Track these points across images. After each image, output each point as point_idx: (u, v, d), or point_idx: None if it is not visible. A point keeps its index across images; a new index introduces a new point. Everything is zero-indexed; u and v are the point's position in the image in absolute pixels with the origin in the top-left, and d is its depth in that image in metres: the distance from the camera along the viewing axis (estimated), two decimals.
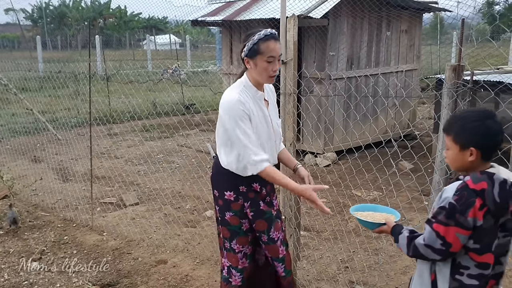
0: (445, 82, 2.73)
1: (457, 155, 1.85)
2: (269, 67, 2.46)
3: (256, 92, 2.54)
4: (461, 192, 1.76)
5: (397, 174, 3.74)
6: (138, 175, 6.72)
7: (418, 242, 1.86)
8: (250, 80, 2.54)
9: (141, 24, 51.03)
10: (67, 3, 49.75)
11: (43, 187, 6.07)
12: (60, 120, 9.82)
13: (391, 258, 4.08)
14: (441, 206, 1.79)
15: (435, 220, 1.80)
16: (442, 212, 1.78)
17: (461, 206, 1.74)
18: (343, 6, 6.95)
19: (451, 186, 1.83)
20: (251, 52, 2.46)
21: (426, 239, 1.83)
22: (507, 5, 38.53)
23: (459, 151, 1.83)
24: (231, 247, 2.70)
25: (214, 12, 8.12)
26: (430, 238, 1.81)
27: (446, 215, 1.77)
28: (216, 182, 2.68)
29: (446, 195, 1.80)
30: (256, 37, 2.43)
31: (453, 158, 1.87)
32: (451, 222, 1.76)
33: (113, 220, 5.05)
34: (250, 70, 2.52)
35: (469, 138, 1.82)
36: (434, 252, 1.81)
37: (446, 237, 1.77)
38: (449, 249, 1.78)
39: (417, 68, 8.46)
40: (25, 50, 27.34)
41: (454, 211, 1.75)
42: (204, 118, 10.03)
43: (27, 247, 4.40)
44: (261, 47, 2.43)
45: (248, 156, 2.43)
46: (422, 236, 1.86)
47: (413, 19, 8.10)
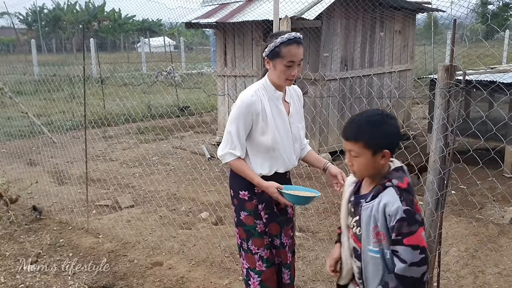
0: (438, 82, 2.74)
1: (370, 160, 1.80)
2: (287, 71, 2.46)
3: (275, 91, 2.57)
4: (403, 195, 1.76)
5: None
6: (133, 178, 6.72)
7: (399, 269, 1.75)
8: (269, 80, 2.57)
9: (135, 26, 50.95)
10: (62, 6, 49.63)
11: (38, 190, 6.06)
12: (55, 123, 9.80)
13: None
14: (400, 219, 1.73)
15: (402, 236, 1.73)
16: (403, 224, 1.73)
17: (412, 207, 1.75)
18: (336, 7, 6.98)
19: (388, 198, 1.77)
20: (272, 54, 2.46)
21: (406, 260, 1.73)
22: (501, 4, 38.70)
23: (372, 156, 1.79)
24: (248, 247, 2.70)
25: (208, 14, 8.13)
26: (409, 255, 1.73)
27: (408, 223, 1.73)
28: (233, 182, 2.72)
29: (394, 207, 1.74)
30: (279, 40, 2.43)
31: (366, 165, 1.81)
32: (415, 227, 1.74)
33: (109, 223, 5.05)
34: (270, 71, 2.54)
35: (382, 141, 1.79)
36: (420, 266, 1.74)
37: (420, 243, 1.74)
38: (426, 252, 1.76)
39: (411, 68, 8.50)
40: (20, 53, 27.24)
41: (413, 215, 1.74)
42: (198, 120, 10.04)
43: (23, 250, 4.39)
44: (282, 51, 2.43)
45: (225, 147, 2.56)
46: (397, 263, 1.76)
47: (407, 19, 8.14)
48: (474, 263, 3.96)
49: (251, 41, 7.81)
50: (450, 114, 2.69)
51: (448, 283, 3.65)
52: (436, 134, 2.76)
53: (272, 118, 2.55)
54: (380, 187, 1.80)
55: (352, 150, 1.81)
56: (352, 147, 1.81)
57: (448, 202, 5.20)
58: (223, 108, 8.59)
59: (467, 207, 5.18)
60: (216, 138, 8.73)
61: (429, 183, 2.84)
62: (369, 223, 1.79)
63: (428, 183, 2.85)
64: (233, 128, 2.53)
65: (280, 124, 2.58)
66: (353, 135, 1.81)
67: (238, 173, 2.61)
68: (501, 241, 4.37)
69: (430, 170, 2.82)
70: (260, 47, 7.64)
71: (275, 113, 2.56)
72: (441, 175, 2.77)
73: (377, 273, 1.82)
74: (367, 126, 1.79)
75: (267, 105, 2.54)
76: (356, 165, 1.83)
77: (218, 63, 8.68)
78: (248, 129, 2.54)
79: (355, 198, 1.93)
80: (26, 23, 50.82)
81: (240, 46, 8.03)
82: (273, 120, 2.55)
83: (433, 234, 2.85)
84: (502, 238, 4.43)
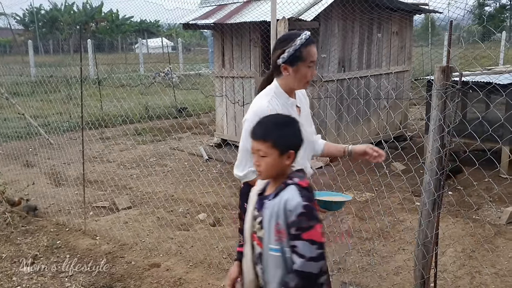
0: (434, 84, 2.76)
1: (276, 160, 1.87)
2: (309, 72, 2.33)
3: (288, 99, 2.40)
4: (303, 192, 1.82)
5: (388, 175, 3.76)
6: (131, 179, 6.71)
7: (298, 265, 1.78)
8: (281, 87, 2.38)
9: (133, 27, 50.95)
10: (59, 7, 49.57)
11: (35, 191, 6.04)
12: (52, 125, 9.78)
13: (383, 259, 4.11)
14: (299, 214, 1.77)
15: (301, 230, 1.77)
16: (303, 218, 1.77)
17: (312, 203, 1.82)
18: (334, 9, 6.99)
19: (289, 194, 1.82)
20: (293, 59, 2.29)
21: (305, 254, 1.76)
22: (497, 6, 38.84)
23: (278, 156, 1.86)
24: None
25: (206, 15, 8.13)
26: (307, 250, 1.77)
27: (308, 218, 1.78)
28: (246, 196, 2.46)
29: (294, 202, 1.79)
30: (298, 42, 2.28)
31: (272, 164, 1.87)
32: (313, 221, 1.79)
33: (106, 224, 5.04)
34: (286, 77, 2.35)
35: (289, 142, 1.88)
36: (317, 261, 1.77)
37: (318, 239, 1.78)
38: (324, 247, 1.80)
39: (408, 69, 8.51)
40: (17, 54, 27.22)
41: (312, 210, 1.80)
42: (196, 121, 10.04)
43: (20, 252, 4.38)
44: (303, 53, 2.29)
45: (245, 166, 2.32)
46: (296, 259, 1.79)
47: (404, 20, 8.15)
48: (471, 264, 3.97)
49: (249, 42, 7.82)
50: (446, 115, 2.70)
51: (445, 284, 3.66)
52: (432, 135, 2.77)
53: None
54: (282, 186, 1.88)
55: (260, 149, 1.87)
56: (261, 147, 1.87)
57: (445, 202, 5.21)
58: (220, 109, 8.59)
59: (464, 207, 5.19)
60: (214, 139, 8.73)
61: (425, 183, 2.85)
62: (271, 221, 1.84)
63: (425, 183, 2.86)
64: (250, 143, 2.33)
65: None
66: (262, 134, 1.88)
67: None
68: (498, 242, 4.38)
69: (426, 170, 2.83)
70: (258, 48, 7.64)
71: None
72: (437, 176, 2.78)
73: (276, 273, 1.86)
74: (275, 127, 1.89)
75: (284, 113, 2.36)
76: (263, 165, 1.88)
77: (216, 64, 8.68)
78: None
79: (259, 200, 1.97)
80: (23, 24, 50.73)
81: (238, 47, 8.03)
82: None
83: (430, 234, 2.86)
84: (498, 239, 4.44)
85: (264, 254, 1.90)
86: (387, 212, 5.07)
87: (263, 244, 1.90)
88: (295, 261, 1.79)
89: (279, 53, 2.32)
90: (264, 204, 1.91)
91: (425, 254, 2.86)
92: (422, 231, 2.87)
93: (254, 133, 1.91)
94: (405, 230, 4.68)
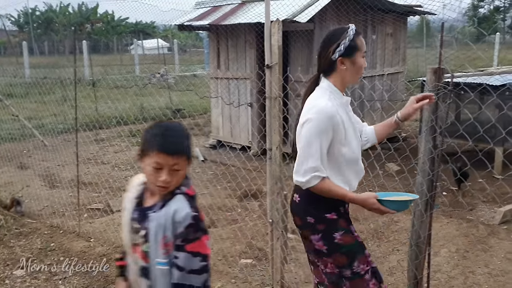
0: (426, 85, 2.77)
1: (185, 171, 1.79)
2: (364, 63, 2.30)
3: (342, 97, 2.32)
4: (192, 203, 1.76)
5: (382, 176, 3.78)
6: (125, 181, 6.69)
7: (176, 277, 1.70)
8: (334, 85, 2.31)
9: (128, 28, 50.89)
10: (54, 8, 49.47)
11: (29, 194, 6.02)
12: (46, 126, 9.76)
13: (377, 259, 4.12)
14: (188, 225, 1.70)
15: (186, 242, 1.70)
16: (190, 230, 1.70)
17: (198, 213, 1.75)
18: (328, 11, 7.01)
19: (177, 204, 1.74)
20: (349, 50, 2.24)
21: (185, 267, 1.69)
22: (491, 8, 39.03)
23: (187, 166, 1.79)
24: (354, 272, 2.30)
25: (201, 17, 8.14)
26: (188, 262, 1.70)
27: (195, 229, 1.71)
28: (311, 207, 2.34)
29: (183, 213, 1.71)
30: (351, 33, 2.24)
31: (183, 176, 1.79)
32: (200, 233, 1.72)
33: (101, 226, 5.03)
34: (341, 72, 2.28)
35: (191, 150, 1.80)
36: (200, 274, 1.71)
37: (203, 251, 1.72)
38: (208, 259, 1.73)
39: (402, 71, 8.55)
40: (11, 55, 27.12)
41: (199, 221, 1.73)
42: (191, 122, 10.04)
43: (13, 255, 4.36)
44: (358, 42, 2.25)
45: (312, 169, 2.21)
46: (175, 272, 1.71)
47: (398, 22, 8.19)
48: (465, 264, 3.99)
49: (244, 44, 7.83)
50: (438, 116, 2.72)
51: (438, 284, 3.67)
52: (425, 136, 2.78)
53: (350, 131, 2.30)
54: (169, 195, 1.77)
55: (177, 163, 1.73)
56: (178, 161, 1.73)
57: (438, 203, 5.24)
58: (216, 110, 8.60)
59: (458, 208, 5.21)
60: (209, 140, 8.73)
61: (418, 184, 2.86)
62: (157, 234, 1.74)
63: (417, 184, 2.88)
64: (315, 146, 2.19)
65: (353, 137, 2.34)
66: (178, 149, 1.74)
67: (325, 194, 2.24)
68: (491, 242, 4.40)
69: (419, 171, 2.85)
70: (253, 50, 7.66)
71: (349, 126, 2.30)
72: (429, 176, 2.79)
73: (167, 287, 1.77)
74: (185, 139, 1.78)
75: (343, 116, 2.28)
76: (176, 179, 1.76)
77: (211, 65, 8.69)
78: (328, 144, 2.23)
79: (140, 212, 1.82)
80: (17, 25, 50.57)
81: (233, 48, 8.04)
82: (350, 134, 2.30)
83: (422, 235, 2.87)
84: (492, 239, 4.46)
85: (152, 268, 1.77)
86: None
87: (149, 258, 1.77)
88: (173, 274, 1.71)
89: (333, 48, 2.25)
90: (147, 216, 1.78)
91: (418, 255, 2.88)
92: (415, 231, 2.88)
93: (169, 149, 1.71)
94: (399, 230, 4.70)
